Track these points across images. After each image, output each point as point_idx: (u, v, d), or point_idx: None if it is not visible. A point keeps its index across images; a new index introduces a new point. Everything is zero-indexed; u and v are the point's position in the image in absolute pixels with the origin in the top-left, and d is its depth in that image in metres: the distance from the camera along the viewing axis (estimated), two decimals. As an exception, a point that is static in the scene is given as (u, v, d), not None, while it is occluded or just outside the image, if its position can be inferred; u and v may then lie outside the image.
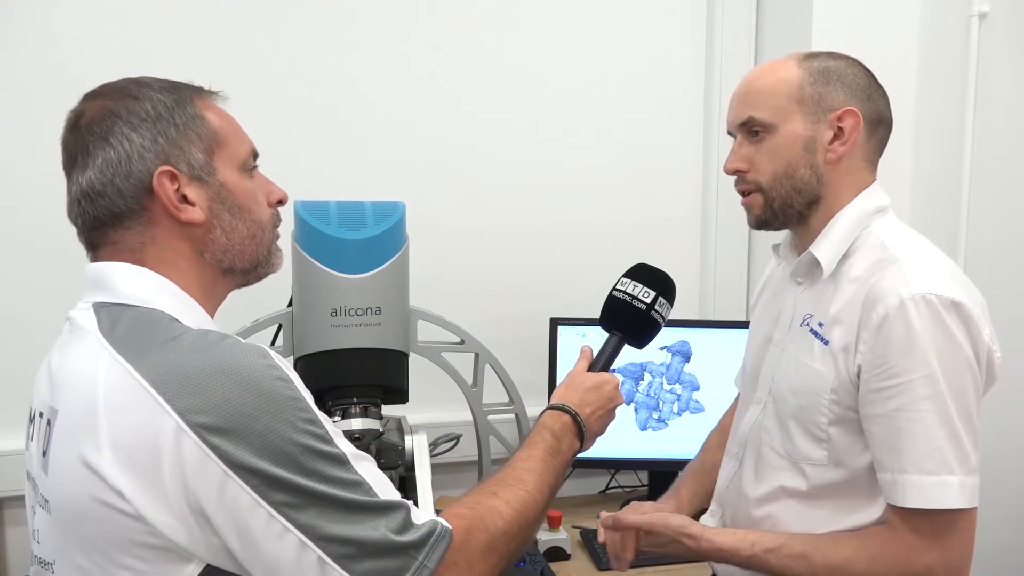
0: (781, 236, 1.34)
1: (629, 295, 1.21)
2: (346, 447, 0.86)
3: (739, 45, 2.19)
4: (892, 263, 1.12)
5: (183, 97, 0.93)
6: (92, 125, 0.89)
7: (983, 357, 1.11)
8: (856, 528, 1.15)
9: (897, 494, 1.08)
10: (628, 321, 1.22)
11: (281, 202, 1.02)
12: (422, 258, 1.60)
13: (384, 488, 0.86)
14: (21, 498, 1.73)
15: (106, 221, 0.90)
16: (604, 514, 1.33)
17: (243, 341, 0.86)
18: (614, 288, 1.24)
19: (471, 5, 2.03)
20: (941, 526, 1.07)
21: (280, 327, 1.54)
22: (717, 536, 1.19)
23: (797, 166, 1.17)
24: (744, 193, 1.23)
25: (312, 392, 1.44)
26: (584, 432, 1.12)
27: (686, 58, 2.20)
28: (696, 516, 1.36)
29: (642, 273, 1.23)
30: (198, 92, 0.96)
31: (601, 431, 1.17)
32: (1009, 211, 1.77)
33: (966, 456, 1.07)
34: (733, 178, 1.24)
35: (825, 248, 1.18)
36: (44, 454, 0.86)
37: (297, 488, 0.79)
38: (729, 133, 1.26)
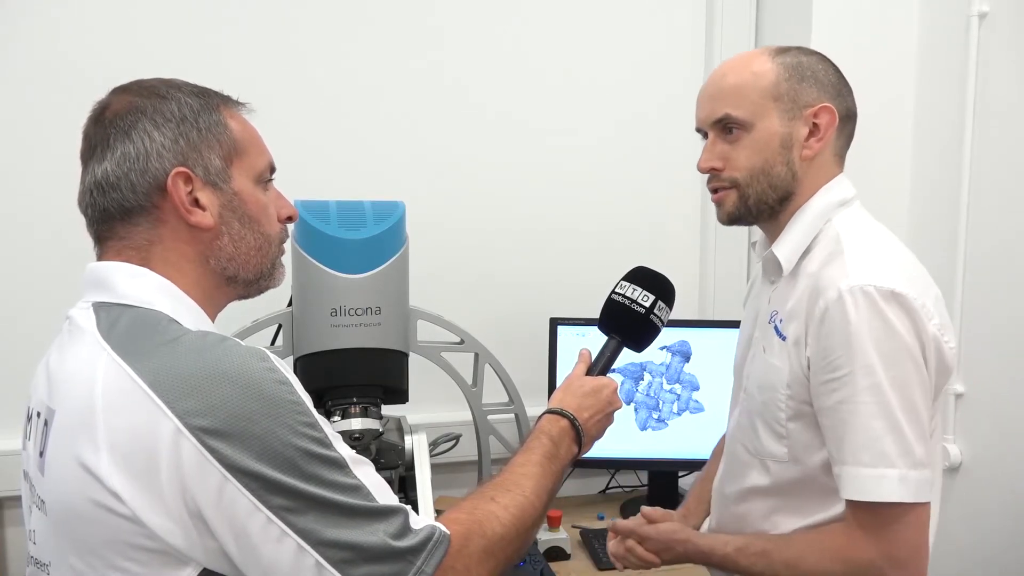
0: (759, 234, 1.34)
1: (628, 299, 1.20)
2: (345, 451, 0.85)
3: (739, 45, 2.19)
4: (838, 256, 1.12)
5: (210, 103, 0.93)
6: (116, 119, 0.90)
7: (929, 348, 1.08)
8: (817, 525, 1.16)
9: (840, 487, 1.09)
10: (627, 325, 1.21)
11: (291, 218, 1.02)
12: (422, 258, 1.60)
13: (383, 492, 0.86)
14: (20, 498, 1.74)
15: (115, 215, 0.90)
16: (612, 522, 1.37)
17: (242, 344, 0.85)
18: (613, 291, 1.23)
19: (471, 5, 2.03)
20: (884, 520, 1.06)
21: (280, 327, 1.54)
22: (699, 540, 1.24)
23: (774, 163, 1.17)
24: (717, 191, 1.22)
25: (312, 392, 1.44)
26: (582, 437, 1.11)
27: (686, 57, 2.20)
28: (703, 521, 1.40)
29: (641, 276, 1.23)
30: (225, 101, 0.96)
31: (599, 435, 1.17)
32: (1009, 211, 1.77)
33: (909, 449, 1.05)
34: (706, 184, 1.25)
35: (785, 246, 1.19)
36: (41, 454, 0.86)
37: (296, 492, 0.79)
38: (698, 130, 1.25)
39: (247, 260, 0.95)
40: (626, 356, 1.98)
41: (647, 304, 1.19)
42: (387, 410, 1.50)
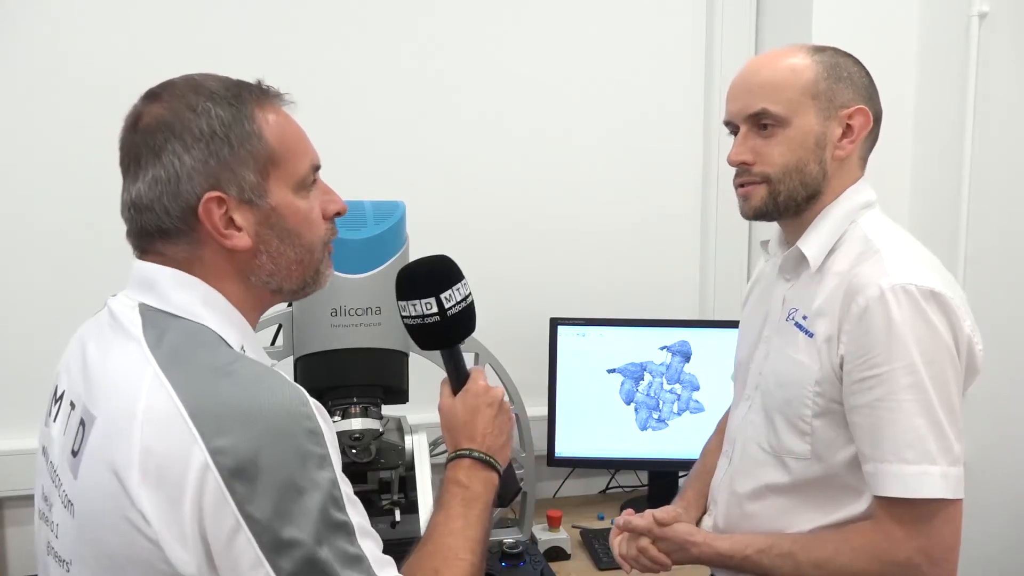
0: (770, 232, 1.34)
1: (415, 316, 1.08)
2: (355, 517, 0.83)
3: (739, 45, 2.19)
4: (873, 254, 1.13)
5: (243, 112, 0.89)
6: (147, 135, 0.87)
7: (963, 348, 1.11)
8: (840, 523, 1.16)
9: (878, 484, 1.09)
10: (439, 335, 1.09)
11: (339, 214, 0.98)
12: (422, 258, 1.60)
13: (381, 566, 0.84)
14: (21, 498, 1.74)
15: (153, 233, 0.88)
16: (619, 518, 1.34)
17: (288, 381, 0.84)
18: (401, 317, 1.11)
19: (471, 4, 2.03)
20: (923, 516, 1.07)
21: (280, 327, 1.54)
22: (716, 541, 1.23)
23: (807, 161, 1.17)
24: (744, 185, 1.21)
25: (312, 392, 1.45)
26: (489, 458, 1.07)
27: (686, 58, 2.20)
28: (702, 517, 1.37)
29: (410, 286, 1.08)
30: (261, 99, 0.91)
31: (507, 439, 1.11)
32: (1009, 211, 1.77)
33: (949, 446, 1.07)
34: (733, 178, 1.24)
35: (812, 243, 1.19)
36: (75, 454, 0.85)
37: (302, 556, 0.78)
38: (728, 123, 1.23)
39: (288, 274, 0.93)
40: (626, 356, 2.00)
41: (434, 310, 1.07)
42: (387, 410, 1.50)
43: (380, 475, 1.60)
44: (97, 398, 0.84)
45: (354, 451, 1.42)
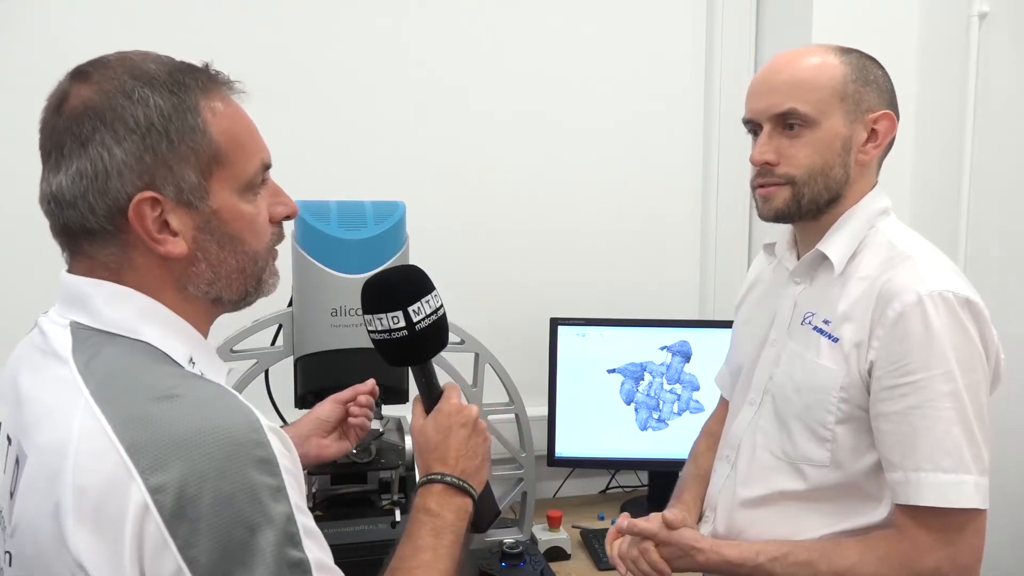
0: (774, 235, 1.33)
1: (382, 331, 1.01)
2: (312, 552, 0.74)
3: (739, 45, 2.19)
4: (904, 260, 1.12)
5: (185, 102, 0.78)
6: (72, 122, 0.77)
7: (992, 356, 1.11)
8: (853, 531, 1.15)
9: (910, 493, 1.07)
10: (408, 351, 1.03)
11: (288, 217, 0.90)
12: (422, 258, 1.59)
13: None
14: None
15: (77, 233, 0.79)
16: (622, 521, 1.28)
17: (239, 403, 0.74)
18: (368, 332, 1.04)
19: (472, 5, 2.03)
20: (953, 525, 1.06)
21: (280, 327, 1.55)
22: (724, 548, 1.18)
23: (833, 164, 1.15)
24: (764, 186, 1.18)
25: (312, 392, 1.46)
26: (463, 484, 1.00)
27: (686, 57, 2.20)
28: (699, 523, 1.34)
29: (375, 298, 1.02)
30: (207, 89, 0.81)
31: (482, 461, 1.04)
32: (1009, 211, 1.77)
33: (980, 455, 1.07)
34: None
35: (836, 247, 1.17)
36: (12, 496, 0.76)
37: None
38: (748, 121, 1.20)
39: (229, 283, 0.84)
40: (626, 356, 2.00)
41: (401, 324, 1.00)
42: (387, 410, 1.50)
43: (380, 475, 1.60)
44: (28, 433, 0.76)
45: (354, 451, 1.43)
